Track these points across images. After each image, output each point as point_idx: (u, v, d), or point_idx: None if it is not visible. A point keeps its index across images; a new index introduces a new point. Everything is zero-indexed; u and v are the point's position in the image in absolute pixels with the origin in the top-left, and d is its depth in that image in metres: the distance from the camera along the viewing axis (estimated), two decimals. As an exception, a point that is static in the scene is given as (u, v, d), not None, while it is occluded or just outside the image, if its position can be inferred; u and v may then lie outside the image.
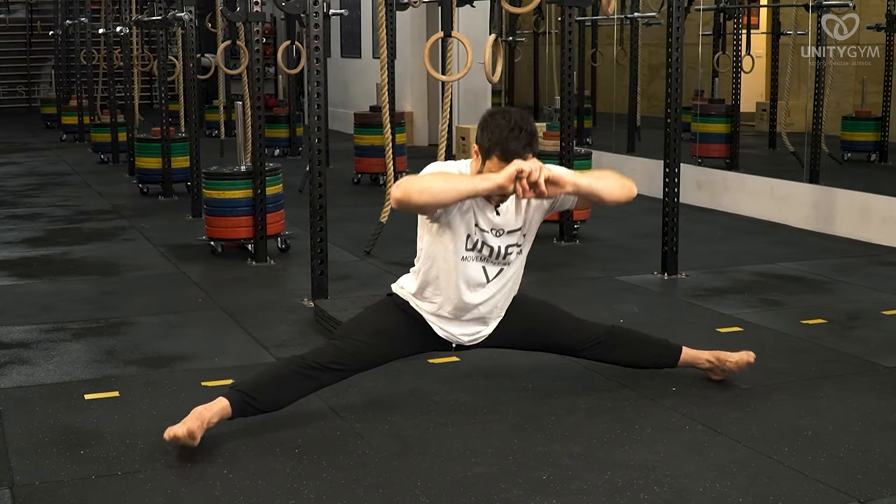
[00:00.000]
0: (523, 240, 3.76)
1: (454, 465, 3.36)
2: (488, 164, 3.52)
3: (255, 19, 6.77)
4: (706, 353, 4.14)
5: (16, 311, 5.41)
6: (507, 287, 3.79)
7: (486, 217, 3.64)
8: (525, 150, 3.49)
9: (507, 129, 3.47)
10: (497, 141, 3.48)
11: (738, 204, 8.44)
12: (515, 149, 3.47)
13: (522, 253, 3.79)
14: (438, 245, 3.68)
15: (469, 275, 3.69)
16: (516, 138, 3.47)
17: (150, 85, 17.55)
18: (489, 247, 3.67)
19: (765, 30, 11.41)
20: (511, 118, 3.50)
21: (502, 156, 3.47)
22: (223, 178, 6.70)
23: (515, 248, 3.73)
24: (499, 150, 3.48)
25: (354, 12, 14.60)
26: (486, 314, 3.79)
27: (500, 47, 5.43)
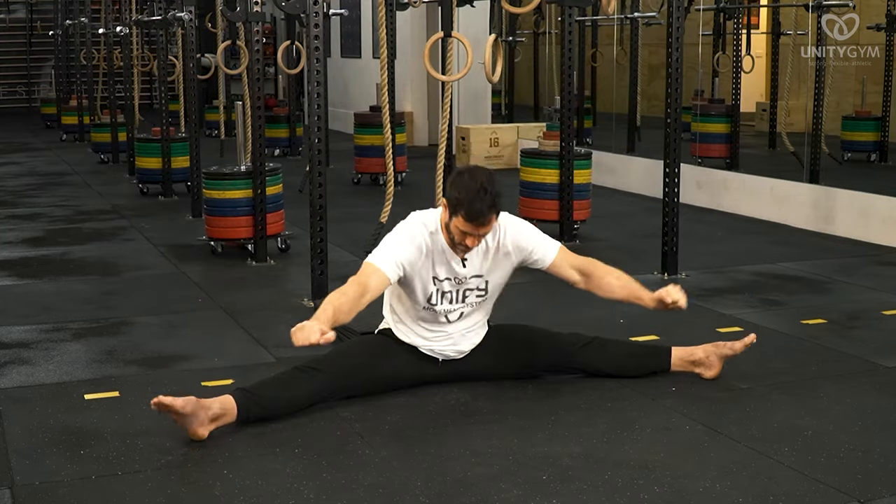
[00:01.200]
0: (485, 287, 3.97)
1: (454, 465, 3.36)
2: (454, 220, 3.75)
3: (255, 19, 6.77)
4: (700, 350, 4.18)
5: (16, 311, 5.41)
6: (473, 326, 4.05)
7: (448, 267, 3.88)
8: (489, 213, 3.71)
9: (472, 190, 3.68)
10: (463, 201, 3.69)
11: (738, 204, 8.44)
12: (479, 211, 3.69)
13: (487, 300, 4.03)
14: (400, 300, 3.98)
15: (429, 320, 3.97)
16: (481, 199, 3.67)
17: (150, 85, 17.54)
18: (449, 294, 3.92)
19: (765, 30, 11.42)
20: (477, 179, 3.70)
21: (467, 216, 3.70)
22: (223, 178, 6.70)
23: (476, 292, 3.96)
24: (464, 211, 3.70)
25: (354, 12, 14.60)
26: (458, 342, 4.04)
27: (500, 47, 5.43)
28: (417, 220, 3.90)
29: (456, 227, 3.75)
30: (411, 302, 3.93)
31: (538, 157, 7.28)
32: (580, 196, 7.19)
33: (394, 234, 3.88)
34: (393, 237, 3.87)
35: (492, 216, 3.73)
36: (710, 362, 4.14)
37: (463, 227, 3.73)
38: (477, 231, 3.75)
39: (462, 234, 3.76)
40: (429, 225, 3.88)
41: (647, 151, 9.66)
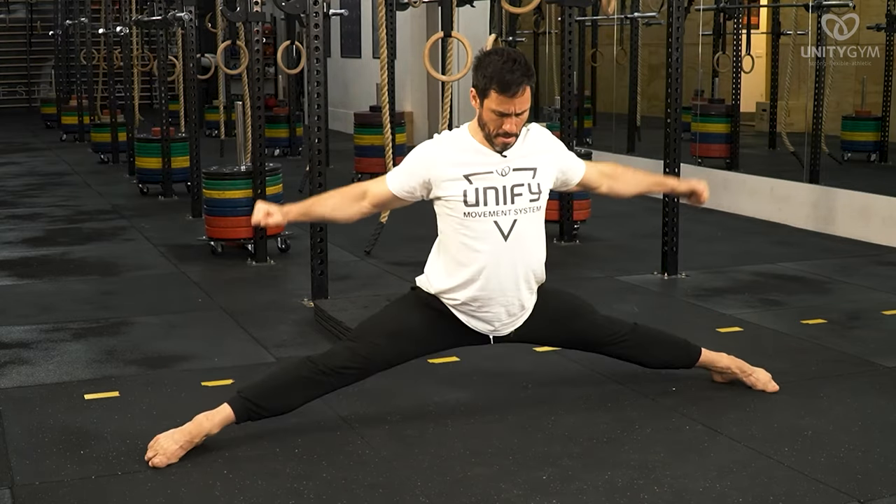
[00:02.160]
0: (535, 185, 3.62)
1: (454, 465, 3.36)
2: (486, 102, 3.47)
3: (255, 19, 6.78)
4: (727, 358, 4.09)
5: (16, 311, 5.41)
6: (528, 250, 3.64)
7: (485, 159, 3.57)
8: (522, 81, 3.44)
9: (500, 62, 3.43)
10: (492, 75, 3.43)
11: (738, 204, 8.44)
12: (511, 80, 3.42)
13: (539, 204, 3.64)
14: (444, 216, 3.63)
15: (480, 233, 3.57)
16: (511, 70, 3.42)
17: (150, 85, 17.55)
18: (494, 189, 3.56)
19: (765, 30, 11.41)
20: (504, 53, 3.47)
21: (499, 89, 3.43)
22: (223, 178, 6.70)
23: (525, 189, 3.60)
24: (496, 83, 3.43)
25: (354, 12, 14.60)
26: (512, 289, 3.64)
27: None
28: (436, 136, 3.70)
29: (490, 111, 3.46)
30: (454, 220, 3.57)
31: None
32: (580, 196, 7.19)
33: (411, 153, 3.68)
34: (408, 157, 3.67)
35: (525, 85, 3.44)
36: (728, 374, 4.09)
37: (497, 104, 3.44)
38: (513, 105, 3.44)
39: (499, 118, 3.46)
40: (453, 134, 3.64)
41: (647, 151, 9.66)
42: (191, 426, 3.46)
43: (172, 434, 3.43)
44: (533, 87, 3.51)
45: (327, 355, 3.65)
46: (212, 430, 3.48)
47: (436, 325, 3.69)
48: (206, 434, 3.47)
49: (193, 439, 3.44)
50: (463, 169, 3.56)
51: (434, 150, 3.61)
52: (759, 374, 4.06)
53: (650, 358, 4.05)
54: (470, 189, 3.54)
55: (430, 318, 3.68)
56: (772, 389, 4.03)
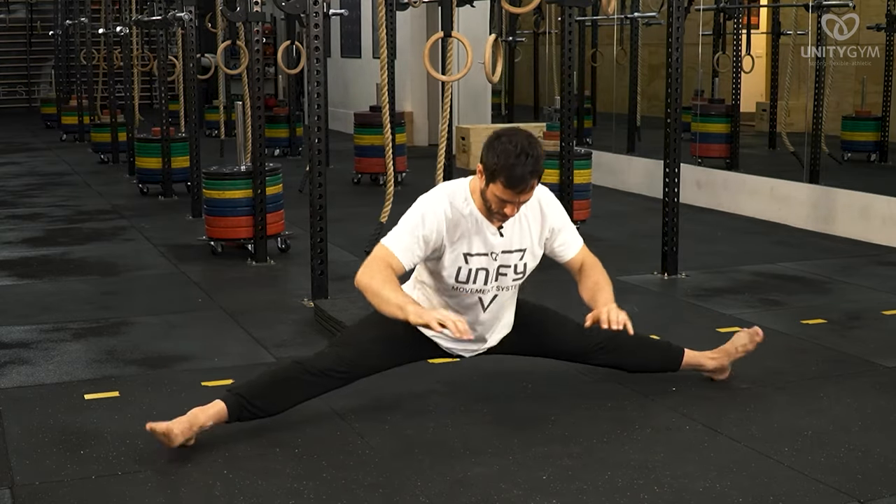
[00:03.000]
0: (522, 265, 3.71)
1: (454, 465, 3.36)
2: (492, 186, 3.47)
3: (255, 19, 6.77)
4: (709, 353, 4.14)
5: (16, 311, 5.41)
6: (504, 310, 3.82)
7: (483, 239, 3.61)
8: (531, 178, 3.43)
9: (513, 154, 3.40)
10: (504, 167, 3.40)
11: (738, 204, 8.44)
12: (521, 176, 3.41)
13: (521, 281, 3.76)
14: (432, 278, 3.71)
15: (464, 304, 3.70)
16: (522, 164, 3.40)
17: (150, 85, 17.54)
18: (485, 271, 3.64)
19: (765, 30, 11.41)
20: (517, 143, 3.42)
21: (507, 182, 3.42)
22: (223, 178, 6.70)
23: (511, 270, 3.68)
24: (503, 176, 3.42)
25: (354, 12, 14.59)
26: (485, 334, 3.82)
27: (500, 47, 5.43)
28: (441, 193, 3.61)
29: (493, 194, 3.47)
30: (441, 283, 3.66)
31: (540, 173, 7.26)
32: (580, 196, 7.18)
33: (412, 211, 3.60)
34: (410, 216, 3.58)
35: (533, 181, 3.44)
36: (721, 368, 4.11)
37: (501, 194, 3.44)
38: (517, 198, 3.46)
39: (500, 203, 3.48)
40: (456, 195, 3.59)
41: (647, 151, 9.66)
42: (187, 416, 3.49)
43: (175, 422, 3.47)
44: (541, 176, 3.51)
45: (314, 357, 3.71)
46: (205, 422, 3.50)
47: (414, 336, 3.73)
48: (201, 426, 3.48)
49: (192, 427, 3.46)
50: (464, 247, 3.60)
51: (444, 221, 3.56)
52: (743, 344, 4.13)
53: (632, 363, 4.07)
54: (465, 268, 3.62)
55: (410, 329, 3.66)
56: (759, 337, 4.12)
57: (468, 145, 11.35)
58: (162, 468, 3.36)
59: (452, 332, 3.31)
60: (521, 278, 3.74)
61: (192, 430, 3.47)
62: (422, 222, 3.54)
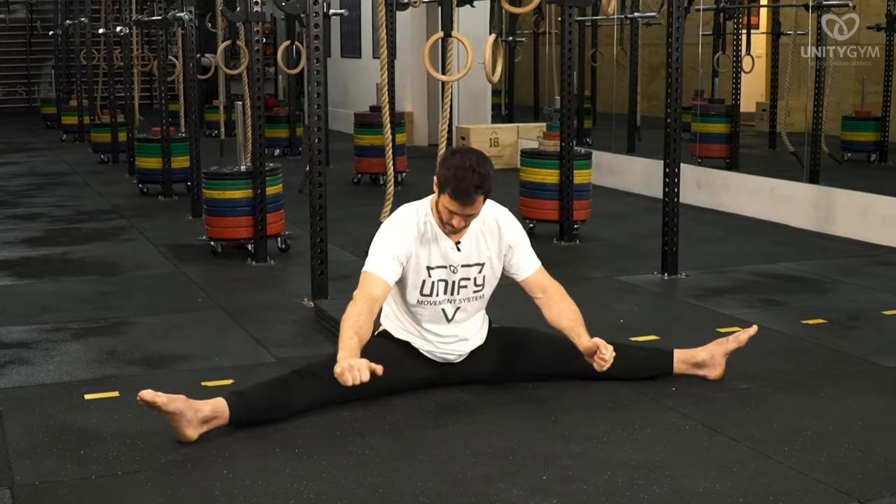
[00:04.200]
0: (482, 284, 3.92)
1: (454, 465, 3.36)
2: (442, 197, 3.72)
3: (255, 19, 6.77)
4: (702, 351, 4.16)
5: (16, 311, 5.41)
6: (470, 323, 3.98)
7: (442, 253, 3.84)
8: (476, 192, 3.66)
9: (462, 168, 3.64)
10: (451, 178, 3.65)
11: (738, 204, 8.44)
12: (466, 188, 3.64)
13: (482, 298, 3.96)
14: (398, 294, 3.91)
15: (428, 316, 3.90)
16: (469, 178, 3.63)
17: (150, 85, 17.55)
18: (444, 282, 3.86)
19: (765, 30, 11.42)
20: (468, 160, 3.66)
21: (453, 194, 3.67)
22: (223, 178, 6.70)
23: (470, 282, 3.89)
24: (450, 188, 3.66)
25: (354, 12, 14.59)
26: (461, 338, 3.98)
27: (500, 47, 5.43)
28: (407, 209, 3.88)
29: (443, 205, 3.72)
30: (406, 296, 3.88)
31: (538, 157, 7.28)
32: (580, 196, 7.19)
33: (382, 231, 3.85)
34: (382, 236, 3.83)
35: (478, 197, 3.68)
36: (714, 362, 4.12)
37: (449, 205, 3.69)
38: (462, 210, 3.70)
39: (449, 213, 3.73)
40: (420, 210, 3.86)
41: (647, 151, 9.66)
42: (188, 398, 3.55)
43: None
44: (488, 192, 3.72)
45: (312, 364, 3.86)
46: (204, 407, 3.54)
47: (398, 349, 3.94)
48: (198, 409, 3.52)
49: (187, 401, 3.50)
50: (427, 259, 3.84)
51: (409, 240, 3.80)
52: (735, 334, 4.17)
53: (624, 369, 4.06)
54: (428, 281, 3.85)
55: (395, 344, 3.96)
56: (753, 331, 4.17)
57: (468, 145, 11.36)
58: (162, 468, 3.36)
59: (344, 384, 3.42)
60: (480, 290, 3.94)
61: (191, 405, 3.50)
62: (393, 241, 3.79)
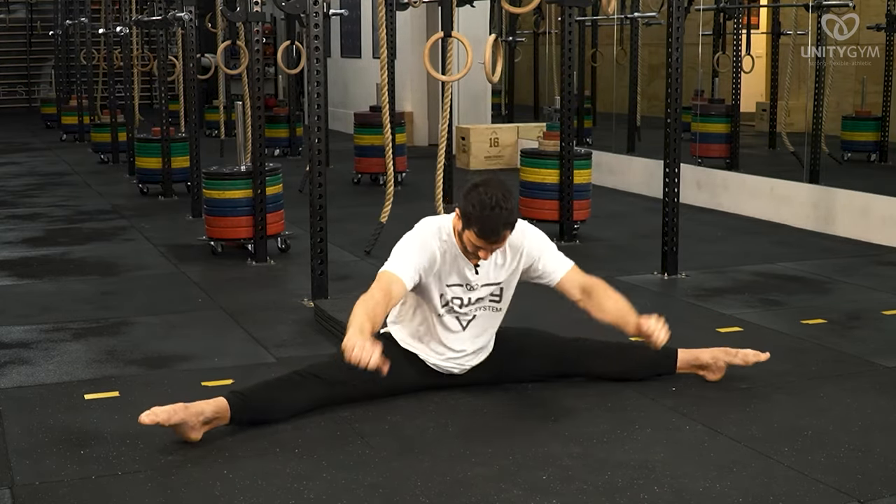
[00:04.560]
0: (499, 296, 3.92)
1: (454, 465, 3.36)
2: (467, 232, 3.68)
3: (255, 19, 6.77)
4: (707, 352, 4.14)
5: (16, 311, 5.41)
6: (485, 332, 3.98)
7: (460, 273, 3.83)
8: (503, 229, 3.64)
9: (487, 206, 3.57)
10: (477, 218, 3.60)
11: (738, 204, 8.44)
12: (494, 227, 3.61)
13: (500, 309, 3.96)
14: (420, 305, 3.89)
15: (447, 325, 3.90)
16: (496, 217, 3.59)
17: (150, 85, 17.55)
18: (459, 300, 3.87)
19: (765, 30, 11.42)
20: (492, 195, 3.58)
21: (479, 232, 3.63)
22: (223, 178, 6.70)
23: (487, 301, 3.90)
24: (476, 227, 3.63)
25: (354, 12, 14.59)
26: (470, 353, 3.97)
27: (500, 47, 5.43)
28: (431, 224, 3.84)
29: (468, 239, 3.69)
30: (427, 308, 3.87)
31: (538, 157, 7.28)
32: (580, 196, 7.19)
33: (407, 239, 3.81)
34: (406, 243, 3.79)
35: (505, 233, 3.66)
36: (717, 367, 4.11)
37: (475, 241, 3.67)
38: (487, 247, 3.69)
39: (474, 247, 3.71)
40: (442, 230, 3.81)
41: (647, 151, 9.66)
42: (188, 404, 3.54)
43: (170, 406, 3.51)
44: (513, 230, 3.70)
45: (313, 365, 3.85)
46: (205, 407, 3.53)
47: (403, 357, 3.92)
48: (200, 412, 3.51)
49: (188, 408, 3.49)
50: (447, 277, 3.84)
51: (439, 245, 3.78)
52: (745, 352, 4.13)
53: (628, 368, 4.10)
54: (445, 296, 3.86)
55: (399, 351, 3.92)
56: (764, 357, 4.12)
57: (468, 145, 11.36)
58: (162, 468, 3.36)
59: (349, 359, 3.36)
60: (498, 303, 3.94)
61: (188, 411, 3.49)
62: (419, 249, 3.77)
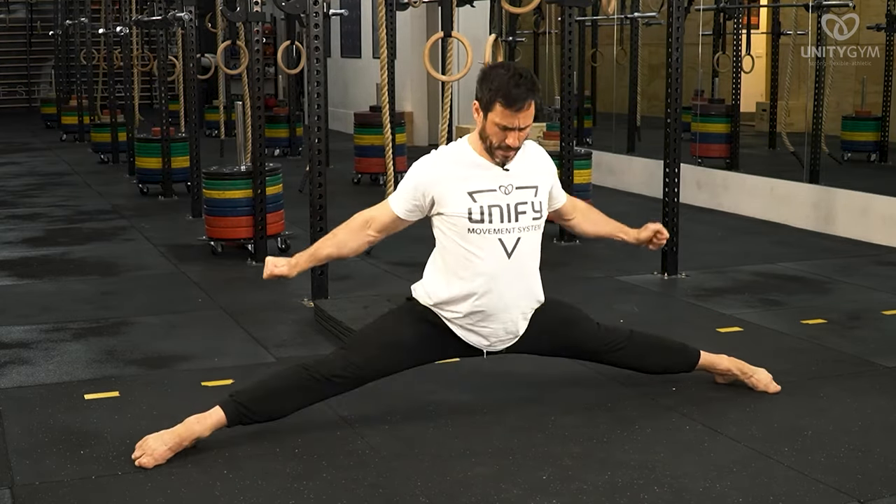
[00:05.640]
0: (538, 203, 3.63)
1: (454, 465, 3.36)
2: (490, 116, 3.46)
3: (255, 19, 6.78)
4: (727, 360, 4.08)
5: (16, 311, 5.41)
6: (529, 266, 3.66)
7: (489, 176, 3.56)
8: (528, 96, 3.44)
9: (506, 76, 3.42)
10: (499, 88, 3.42)
11: (738, 204, 8.44)
12: (517, 95, 3.42)
13: (540, 223, 3.65)
14: (446, 231, 3.60)
15: (486, 250, 3.55)
16: (517, 85, 3.42)
17: (150, 85, 17.54)
18: (498, 207, 3.55)
19: (765, 30, 11.41)
20: (510, 68, 3.47)
21: (505, 102, 3.42)
22: (223, 178, 6.70)
23: (529, 207, 3.60)
24: (501, 97, 3.42)
25: (354, 12, 14.60)
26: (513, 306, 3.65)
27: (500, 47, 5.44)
28: (434, 152, 3.66)
29: (493, 124, 3.46)
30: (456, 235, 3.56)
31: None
32: (580, 196, 7.15)
33: (411, 169, 3.65)
34: (409, 171, 3.65)
35: (531, 101, 3.44)
36: (729, 375, 4.08)
37: (501, 118, 3.43)
38: (517, 120, 3.44)
39: (502, 132, 3.46)
40: (451, 148, 3.63)
41: (647, 151, 9.66)
42: (181, 428, 3.45)
43: (161, 435, 3.42)
44: (538, 102, 3.51)
45: (321, 362, 3.63)
46: (203, 433, 3.47)
47: (430, 338, 3.68)
48: (197, 437, 3.46)
49: (182, 442, 3.43)
50: (466, 185, 3.55)
51: (435, 166, 3.60)
52: (760, 375, 4.06)
53: (649, 364, 4.04)
54: (475, 207, 3.54)
55: (424, 330, 3.67)
56: (773, 390, 4.02)
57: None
58: (162, 468, 3.35)
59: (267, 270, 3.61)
60: (539, 220, 3.64)
61: (183, 445, 3.43)
62: (417, 171, 3.61)
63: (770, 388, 4.03)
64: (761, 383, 4.04)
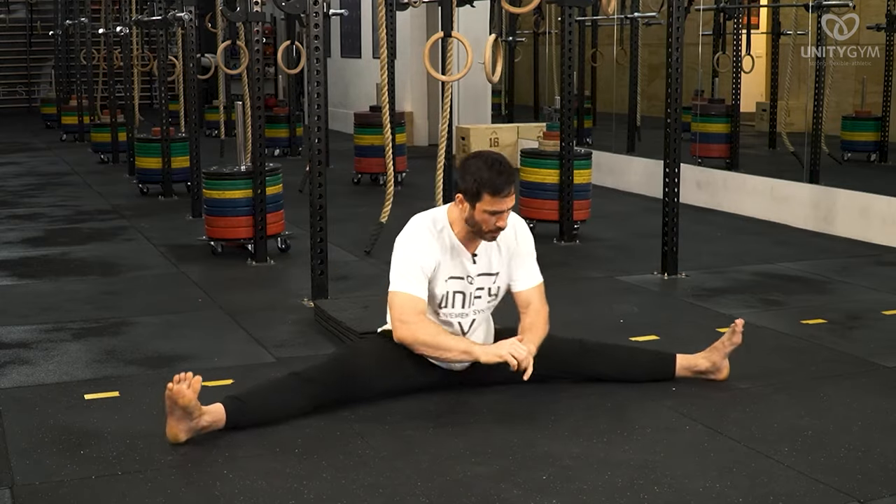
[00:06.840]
0: (496, 288, 3.93)
1: (454, 465, 3.36)
2: (479, 205, 3.72)
3: (255, 19, 6.78)
4: (701, 354, 4.13)
5: (16, 311, 5.41)
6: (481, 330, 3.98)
7: (459, 265, 3.85)
8: (510, 181, 3.73)
9: (486, 167, 3.70)
10: (485, 181, 3.69)
11: (738, 204, 8.44)
12: (502, 183, 3.70)
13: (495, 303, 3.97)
14: None
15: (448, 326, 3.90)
16: (500, 173, 3.70)
17: (150, 85, 17.54)
18: (461, 294, 3.87)
19: (765, 30, 11.42)
20: (487, 158, 3.75)
21: (492, 192, 3.69)
22: (223, 178, 6.70)
23: (485, 292, 3.91)
24: (488, 188, 3.69)
25: (354, 12, 14.60)
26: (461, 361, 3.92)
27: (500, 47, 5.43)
28: (424, 220, 3.84)
29: (482, 211, 3.72)
30: (432, 308, 3.87)
31: (538, 157, 7.28)
32: (580, 196, 7.19)
33: (404, 245, 3.80)
34: (404, 250, 3.79)
35: (512, 187, 3.73)
36: (717, 367, 4.10)
37: (491, 206, 3.70)
38: (504, 205, 3.71)
39: (491, 217, 3.73)
40: (437, 223, 3.84)
41: (647, 151, 9.66)
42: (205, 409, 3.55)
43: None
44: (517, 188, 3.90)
45: (311, 367, 3.83)
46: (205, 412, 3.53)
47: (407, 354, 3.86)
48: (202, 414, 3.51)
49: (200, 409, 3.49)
50: (447, 270, 3.84)
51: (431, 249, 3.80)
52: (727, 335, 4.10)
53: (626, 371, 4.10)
54: (448, 293, 3.86)
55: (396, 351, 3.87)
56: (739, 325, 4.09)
57: (468, 145, 11.36)
58: (162, 468, 3.36)
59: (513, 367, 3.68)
60: (494, 301, 3.97)
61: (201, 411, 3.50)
62: (418, 254, 3.78)
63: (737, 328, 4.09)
64: (735, 335, 4.10)
